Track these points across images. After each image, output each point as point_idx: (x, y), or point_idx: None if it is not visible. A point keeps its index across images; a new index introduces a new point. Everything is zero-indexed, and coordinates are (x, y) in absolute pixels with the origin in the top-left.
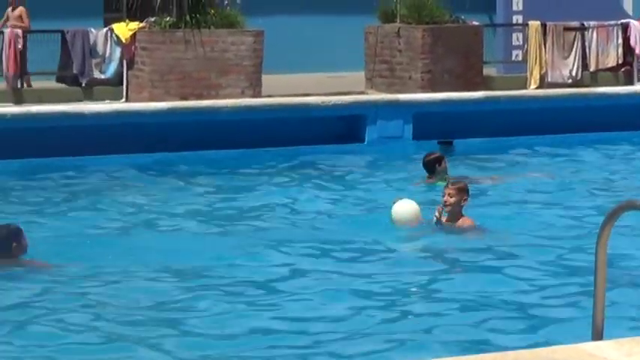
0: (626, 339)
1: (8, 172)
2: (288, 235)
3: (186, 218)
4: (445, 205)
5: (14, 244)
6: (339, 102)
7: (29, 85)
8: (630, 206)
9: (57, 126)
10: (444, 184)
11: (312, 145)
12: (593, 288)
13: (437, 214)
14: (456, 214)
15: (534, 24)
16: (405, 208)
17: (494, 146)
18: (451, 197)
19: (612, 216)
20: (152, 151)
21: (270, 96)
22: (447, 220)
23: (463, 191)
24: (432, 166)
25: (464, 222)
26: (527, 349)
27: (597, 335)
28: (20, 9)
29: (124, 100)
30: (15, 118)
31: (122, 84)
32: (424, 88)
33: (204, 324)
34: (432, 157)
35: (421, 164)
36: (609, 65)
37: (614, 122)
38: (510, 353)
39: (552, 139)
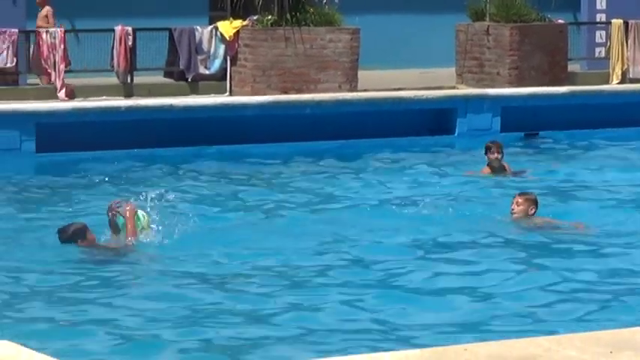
0: None
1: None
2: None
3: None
4: (512, 213)
5: (79, 241)
6: (431, 96)
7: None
8: None
9: (166, 118)
10: (490, 176)
11: (406, 136)
12: None
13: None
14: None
15: (617, 22)
16: None
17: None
18: (518, 206)
19: None
20: (254, 142)
21: (365, 90)
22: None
23: (531, 202)
24: (486, 154)
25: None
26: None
27: None
28: (46, 9)
29: (227, 94)
30: (125, 111)
31: (226, 79)
32: (512, 84)
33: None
34: (486, 144)
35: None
36: None
37: None
38: (595, 333)
39: (634, 131)
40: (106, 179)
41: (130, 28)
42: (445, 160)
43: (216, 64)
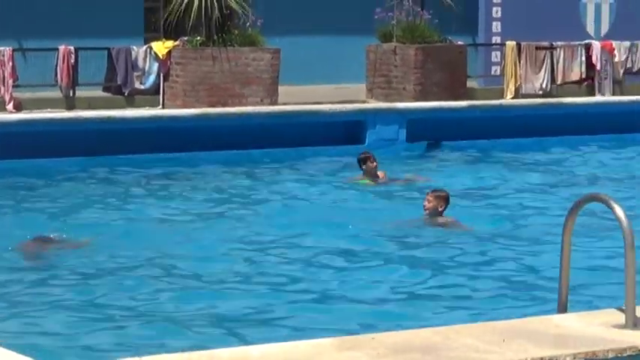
0: (586, 312)
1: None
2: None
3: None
4: (424, 209)
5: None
6: (344, 109)
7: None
8: (593, 198)
9: (103, 129)
10: (365, 182)
11: (320, 146)
12: (558, 269)
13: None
14: (434, 216)
15: (510, 44)
16: None
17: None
18: (429, 202)
19: (577, 206)
20: (184, 151)
21: (285, 104)
22: (427, 218)
23: (441, 199)
24: (360, 164)
25: (444, 220)
26: (503, 320)
27: (562, 309)
28: None
29: (160, 107)
30: (67, 122)
31: (159, 93)
32: (416, 98)
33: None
34: (361, 156)
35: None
36: (574, 79)
37: (577, 127)
38: (490, 323)
39: (525, 141)
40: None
41: (72, 48)
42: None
43: (151, 80)
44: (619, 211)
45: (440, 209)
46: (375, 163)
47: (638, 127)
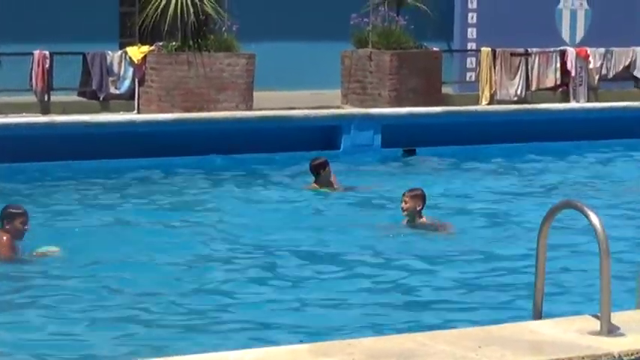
0: (562, 318)
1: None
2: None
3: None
4: (403, 210)
5: (5, 221)
6: (319, 115)
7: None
8: (567, 205)
9: (79, 133)
10: (327, 191)
11: (295, 151)
12: (533, 275)
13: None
14: (414, 217)
15: (486, 50)
16: None
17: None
18: (406, 203)
19: (552, 213)
20: (159, 155)
21: (260, 109)
22: (406, 222)
23: (418, 198)
24: (316, 171)
25: (423, 220)
26: (479, 326)
27: (537, 315)
28: None
29: (135, 112)
30: (42, 126)
31: (134, 98)
32: (391, 104)
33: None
34: (317, 162)
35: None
36: (549, 85)
37: (552, 134)
38: (466, 330)
39: (500, 147)
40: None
41: (47, 52)
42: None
43: (126, 85)
44: (594, 218)
45: (418, 208)
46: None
47: (613, 134)
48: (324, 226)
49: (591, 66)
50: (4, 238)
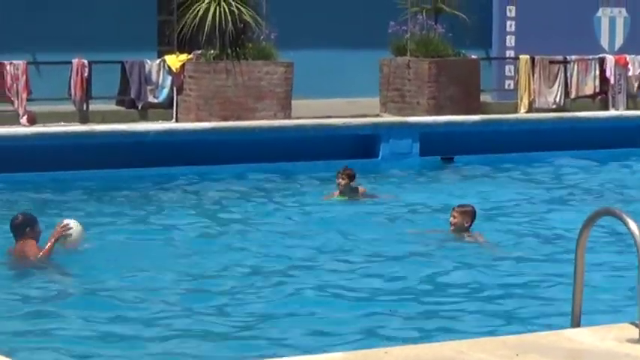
0: (600, 326)
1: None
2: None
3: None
4: (451, 224)
5: (28, 229)
6: (358, 123)
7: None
8: (606, 212)
9: (117, 142)
10: (344, 198)
11: (335, 159)
12: (572, 284)
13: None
14: (461, 233)
15: (524, 58)
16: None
17: (490, 162)
18: (455, 218)
19: (591, 220)
20: (198, 164)
21: (298, 118)
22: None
23: (467, 214)
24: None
25: (469, 235)
26: (515, 334)
27: (576, 323)
28: None
29: (173, 120)
30: (81, 135)
31: (172, 107)
32: (430, 112)
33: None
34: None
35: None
36: (587, 93)
37: (591, 142)
38: (503, 338)
39: (539, 155)
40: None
41: (86, 61)
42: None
43: (164, 94)
44: (633, 226)
45: (466, 225)
46: (344, 180)
47: None
48: (353, 232)
49: (630, 73)
50: (33, 242)
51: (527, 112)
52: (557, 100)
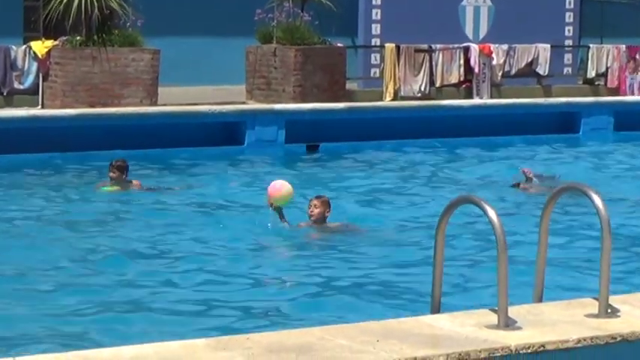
0: (460, 312)
1: None
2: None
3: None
4: (311, 216)
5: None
6: (224, 110)
7: None
8: (466, 200)
9: None
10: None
11: (200, 146)
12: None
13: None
14: (321, 223)
15: (390, 46)
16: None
17: (355, 149)
18: (317, 208)
19: (450, 207)
20: (63, 150)
21: (164, 105)
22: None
23: (326, 204)
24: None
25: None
26: (377, 320)
27: (435, 309)
28: None
29: (39, 107)
30: None
31: (38, 93)
32: (296, 100)
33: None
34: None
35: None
36: (453, 82)
37: (456, 130)
38: (365, 323)
39: (403, 143)
40: None
41: None
42: (235, 167)
43: (30, 80)
44: (491, 214)
45: (326, 214)
46: (116, 173)
47: (516, 130)
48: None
49: (494, 62)
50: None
51: (392, 100)
52: (423, 88)
